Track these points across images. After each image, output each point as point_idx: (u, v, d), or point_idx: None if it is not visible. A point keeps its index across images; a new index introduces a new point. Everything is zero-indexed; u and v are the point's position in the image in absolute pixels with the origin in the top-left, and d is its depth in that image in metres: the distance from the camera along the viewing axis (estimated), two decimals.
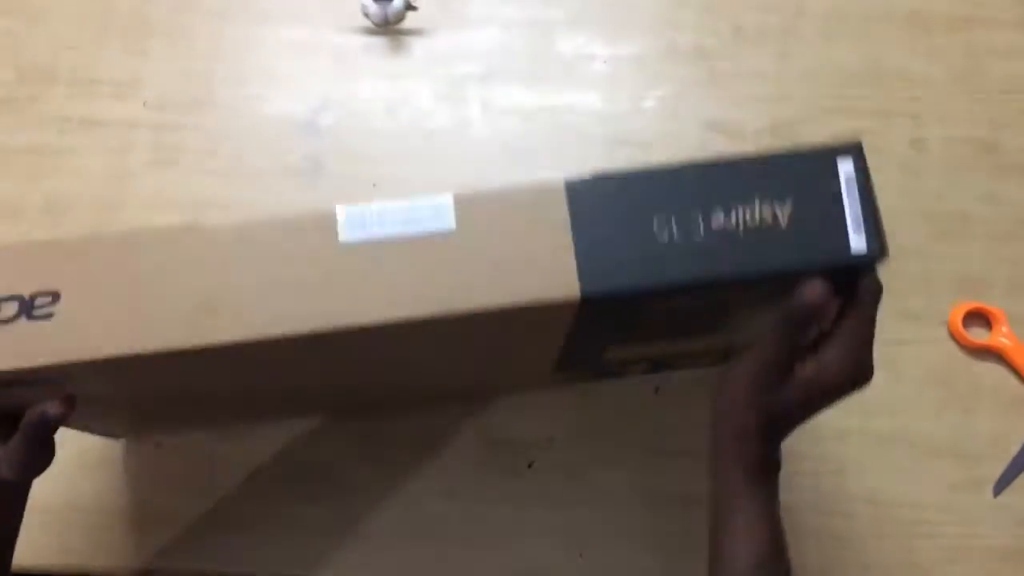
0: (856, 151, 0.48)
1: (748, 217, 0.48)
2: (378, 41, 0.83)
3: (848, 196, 0.48)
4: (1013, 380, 0.72)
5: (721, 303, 0.52)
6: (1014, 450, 0.70)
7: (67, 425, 0.53)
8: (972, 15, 0.83)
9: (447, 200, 0.47)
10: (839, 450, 0.70)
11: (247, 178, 0.77)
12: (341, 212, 0.47)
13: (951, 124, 0.79)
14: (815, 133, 0.79)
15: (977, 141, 0.79)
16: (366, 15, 0.83)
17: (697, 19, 0.83)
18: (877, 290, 0.49)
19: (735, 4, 0.83)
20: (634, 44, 0.82)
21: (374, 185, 0.77)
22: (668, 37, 0.82)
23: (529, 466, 0.69)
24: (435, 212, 0.47)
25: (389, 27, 0.83)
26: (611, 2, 0.84)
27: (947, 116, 0.79)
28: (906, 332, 0.73)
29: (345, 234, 0.47)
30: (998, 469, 0.69)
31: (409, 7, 0.83)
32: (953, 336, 0.73)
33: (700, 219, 0.47)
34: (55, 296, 0.46)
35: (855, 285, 0.49)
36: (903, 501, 0.69)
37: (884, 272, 0.73)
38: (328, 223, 0.47)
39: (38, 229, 0.76)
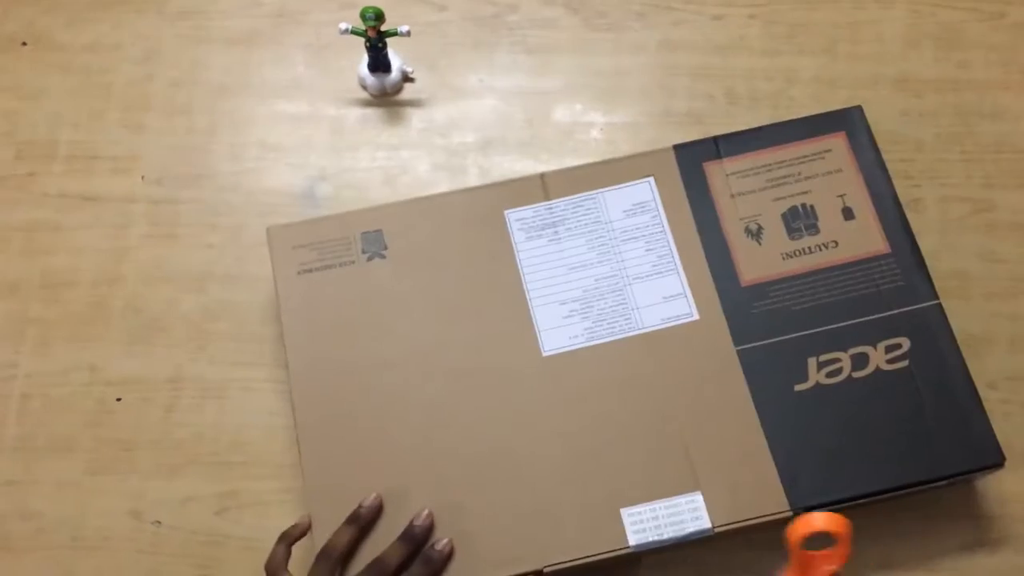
0: None
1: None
2: (376, 112, 0.83)
3: None
4: None
5: None
6: None
7: None
8: (959, 78, 0.84)
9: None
10: None
11: (246, 250, 0.77)
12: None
13: (945, 184, 0.80)
14: None
15: (972, 200, 0.80)
16: (364, 87, 0.84)
17: (690, 85, 0.84)
18: None
19: (727, 71, 0.84)
20: (629, 111, 0.83)
21: None
22: (662, 103, 0.83)
23: None
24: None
25: (387, 98, 0.84)
26: (606, 71, 0.85)
27: (940, 176, 0.80)
28: None
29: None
30: None
31: (407, 79, 0.84)
32: None
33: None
34: None
35: None
36: None
37: None
38: None
39: (37, 305, 0.75)
